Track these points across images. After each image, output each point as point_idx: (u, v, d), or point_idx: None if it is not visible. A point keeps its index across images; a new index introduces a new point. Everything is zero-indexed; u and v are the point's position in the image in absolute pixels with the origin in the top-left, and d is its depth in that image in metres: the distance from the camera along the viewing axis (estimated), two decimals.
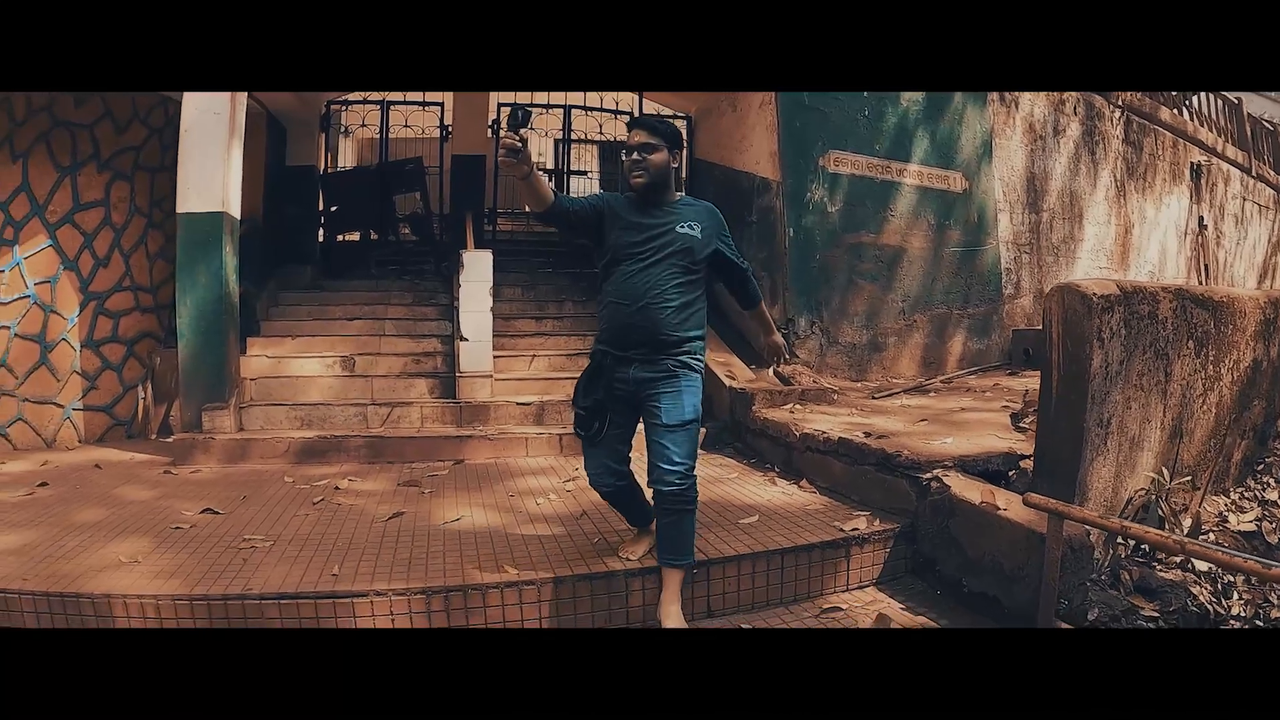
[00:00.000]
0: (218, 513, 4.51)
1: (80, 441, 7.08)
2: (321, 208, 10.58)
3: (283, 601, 3.25)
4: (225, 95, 6.33)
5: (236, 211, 6.64)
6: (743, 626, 3.40)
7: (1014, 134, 8.91)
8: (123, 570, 3.57)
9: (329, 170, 11.78)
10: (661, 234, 3.17)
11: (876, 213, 7.52)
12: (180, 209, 6.31)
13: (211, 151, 6.28)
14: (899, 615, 3.43)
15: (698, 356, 3.24)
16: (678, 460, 3.13)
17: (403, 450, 5.98)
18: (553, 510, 4.45)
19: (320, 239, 10.61)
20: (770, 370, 6.37)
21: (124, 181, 7.35)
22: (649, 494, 3.34)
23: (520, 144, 2.77)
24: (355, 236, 11.09)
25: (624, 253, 3.20)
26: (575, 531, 4.03)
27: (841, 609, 3.54)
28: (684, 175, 9.50)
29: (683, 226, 3.19)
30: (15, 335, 6.80)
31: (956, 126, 8.32)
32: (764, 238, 7.27)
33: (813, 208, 6.88)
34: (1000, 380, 7.28)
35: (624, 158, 3.19)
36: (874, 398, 6.12)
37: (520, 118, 2.77)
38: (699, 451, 5.42)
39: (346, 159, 15.62)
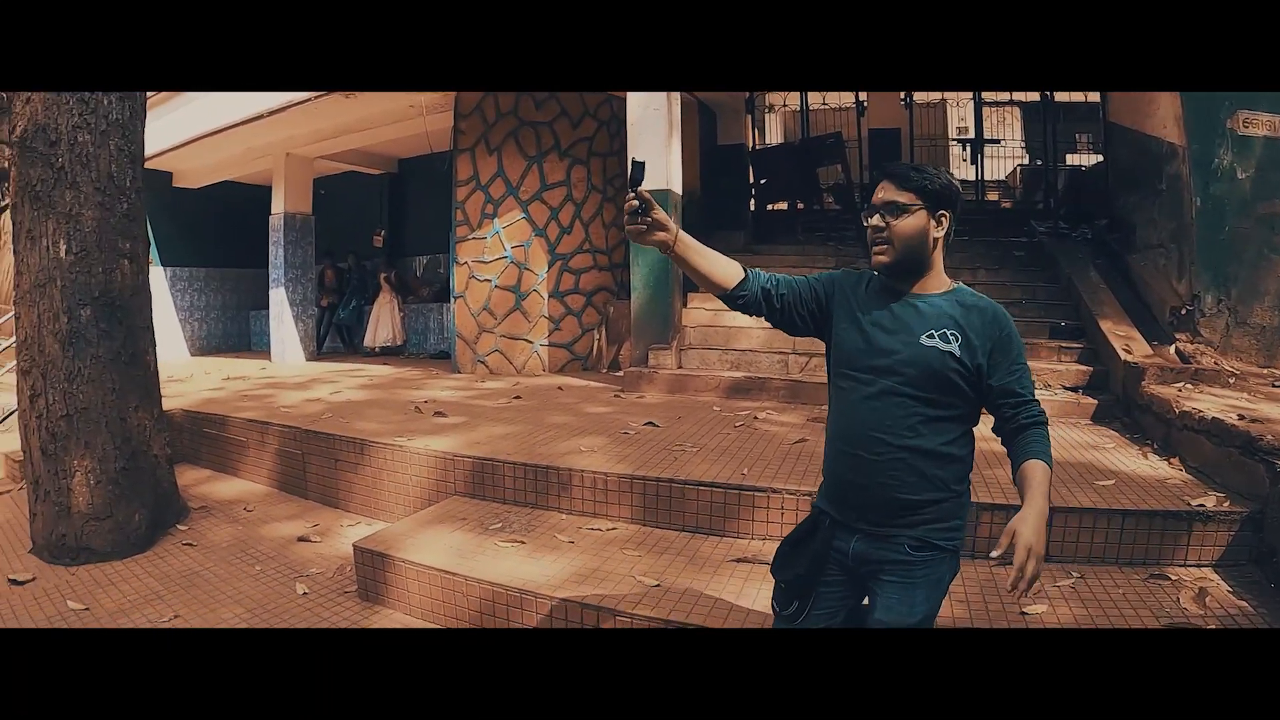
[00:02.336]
0: (657, 425, 5.63)
1: (544, 371, 8.88)
2: (751, 181, 11.68)
3: (700, 487, 4.21)
4: (662, 93, 7.57)
5: (678, 188, 7.85)
6: (1053, 584, 3.55)
7: None
8: (583, 455, 4.81)
9: (756, 147, 12.76)
10: (902, 345, 2.18)
11: None
12: None
13: (654, 139, 7.49)
14: (1223, 597, 3.32)
15: (952, 531, 2.23)
16: None
17: (816, 394, 6.65)
18: None
19: (751, 208, 11.68)
20: (1172, 348, 6.22)
21: (581, 165, 9.16)
22: None
23: (640, 204, 2.14)
24: (783, 206, 12.08)
25: (847, 365, 2.29)
26: None
27: (1168, 579, 3.48)
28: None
29: (932, 336, 2.16)
30: (495, 286, 8.97)
31: None
32: (1172, 208, 6.86)
33: (1221, 174, 6.31)
34: None
35: (864, 222, 2.23)
36: (1276, 385, 5.85)
37: (638, 174, 2.10)
38: (1085, 422, 5.73)
39: (773, 136, 16.61)
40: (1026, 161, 16.11)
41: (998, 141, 14.50)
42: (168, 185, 13.35)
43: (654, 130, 7.42)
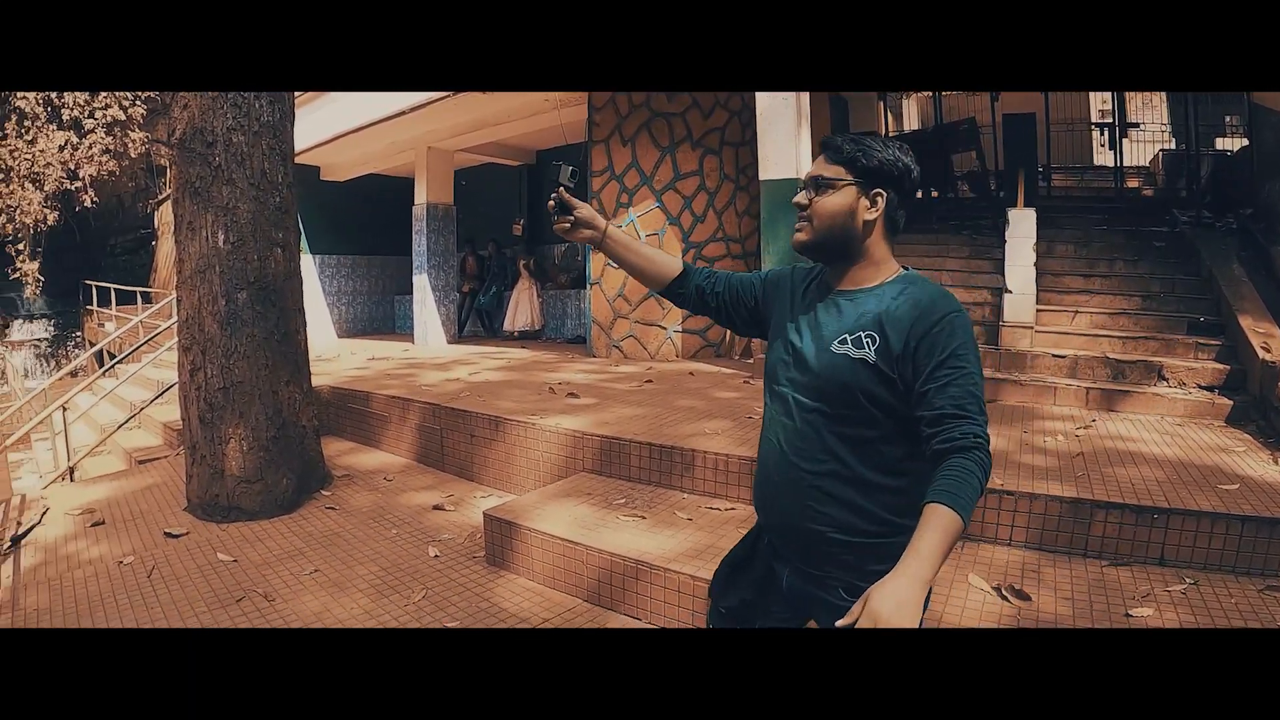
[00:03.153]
0: None
1: (677, 356, 8.99)
2: None
3: None
4: None
5: None
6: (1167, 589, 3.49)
7: None
8: (707, 437, 4.91)
9: (889, 134, 12.52)
10: (813, 353, 1.88)
11: None
12: (762, 176, 7.66)
13: (784, 129, 7.48)
14: None
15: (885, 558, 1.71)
16: None
17: None
18: (1054, 447, 4.81)
19: None
20: None
21: (713, 155, 9.19)
22: None
23: (557, 204, 2.11)
24: (917, 195, 11.84)
25: (769, 377, 2.02)
26: (1065, 466, 4.35)
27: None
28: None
29: (844, 342, 1.82)
30: None
31: None
32: None
33: None
34: None
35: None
36: None
37: (554, 174, 2.10)
38: (1219, 423, 5.50)
39: (909, 122, 16.29)
40: (1170, 146, 15.23)
41: (1139, 125, 13.78)
42: (316, 179, 14.14)
43: (783, 120, 7.42)
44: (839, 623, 1.54)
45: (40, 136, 23.32)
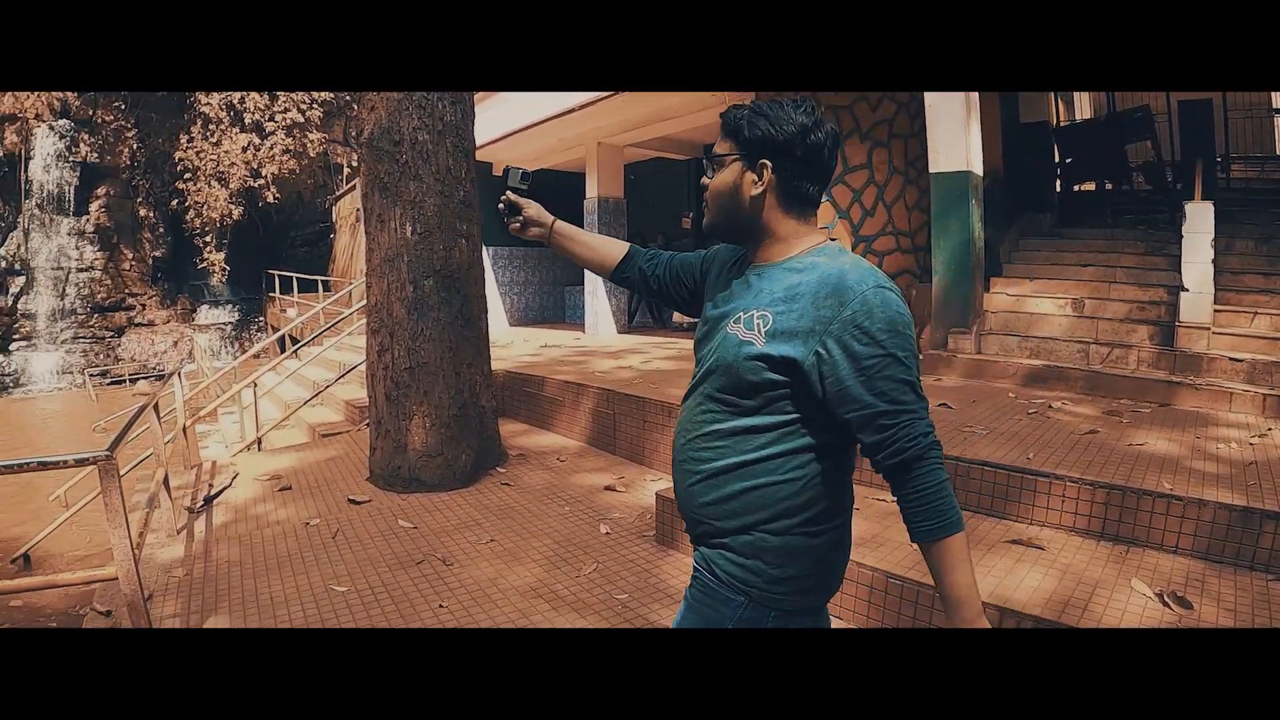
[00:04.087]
0: (950, 408, 5.72)
1: None
2: (1056, 160, 11.07)
3: (985, 467, 4.29)
4: None
5: (979, 169, 7.70)
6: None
7: None
8: None
9: (1061, 124, 12.09)
10: (714, 332, 1.81)
11: None
12: (932, 169, 7.56)
13: (953, 121, 7.38)
14: None
15: (752, 575, 1.70)
16: None
17: (1115, 386, 6.46)
18: (1228, 454, 4.64)
19: (1057, 189, 11.09)
20: None
21: (881, 148, 9.07)
22: None
23: (506, 206, 2.23)
24: (1091, 186, 11.39)
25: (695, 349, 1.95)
26: (1236, 474, 4.21)
27: None
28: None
29: (739, 320, 1.71)
30: None
31: None
32: None
33: None
34: None
35: None
36: None
37: (507, 177, 2.25)
38: None
39: (1081, 110, 15.64)
40: None
41: None
42: (489, 174, 14.66)
43: (951, 110, 7.34)
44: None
45: (225, 139, 25.30)
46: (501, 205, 2.21)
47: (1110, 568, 3.56)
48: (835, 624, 3.31)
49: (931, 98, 7.49)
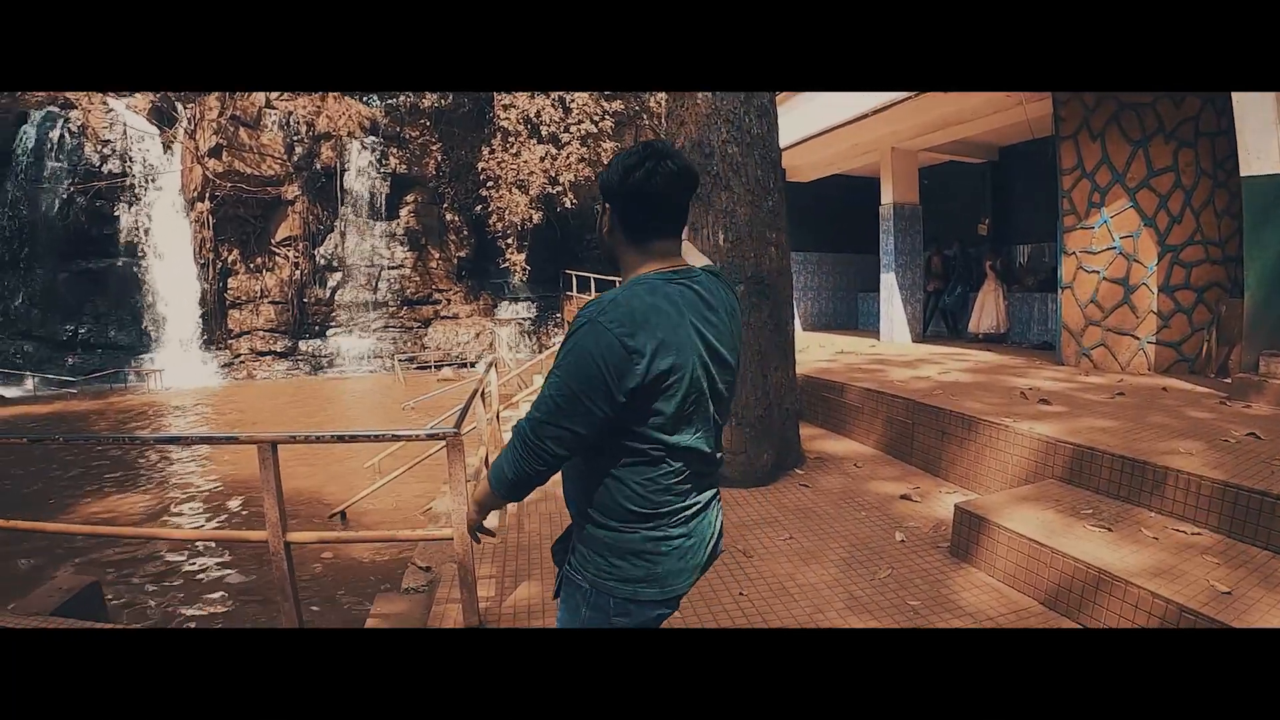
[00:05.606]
0: (1259, 438, 5.26)
1: (1149, 369, 8.63)
2: None
3: None
4: None
5: None
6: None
7: None
8: (1178, 457, 4.80)
9: None
10: None
11: None
12: (1242, 172, 7.00)
13: (1262, 116, 6.79)
14: None
15: (583, 562, 2.11)
16: None
17: None
18: None
19: None
20: None
21: (1188, 148, 8.43)
22: None
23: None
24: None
25: None
26: None
27: None
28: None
29: None
30: (1103, 279, 8.81)
31: None
32: None
33: None
34: None
35: None
36: None
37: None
38: None
39: None
40: None
41: None
42: (783, 180, 14.98)
43: (1260, 105, 6.78)
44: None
45: (523, 150, 27.26)
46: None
47: None
48: None
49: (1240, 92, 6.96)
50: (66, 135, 26.14)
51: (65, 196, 25.96)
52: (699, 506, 2.11)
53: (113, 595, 7.21)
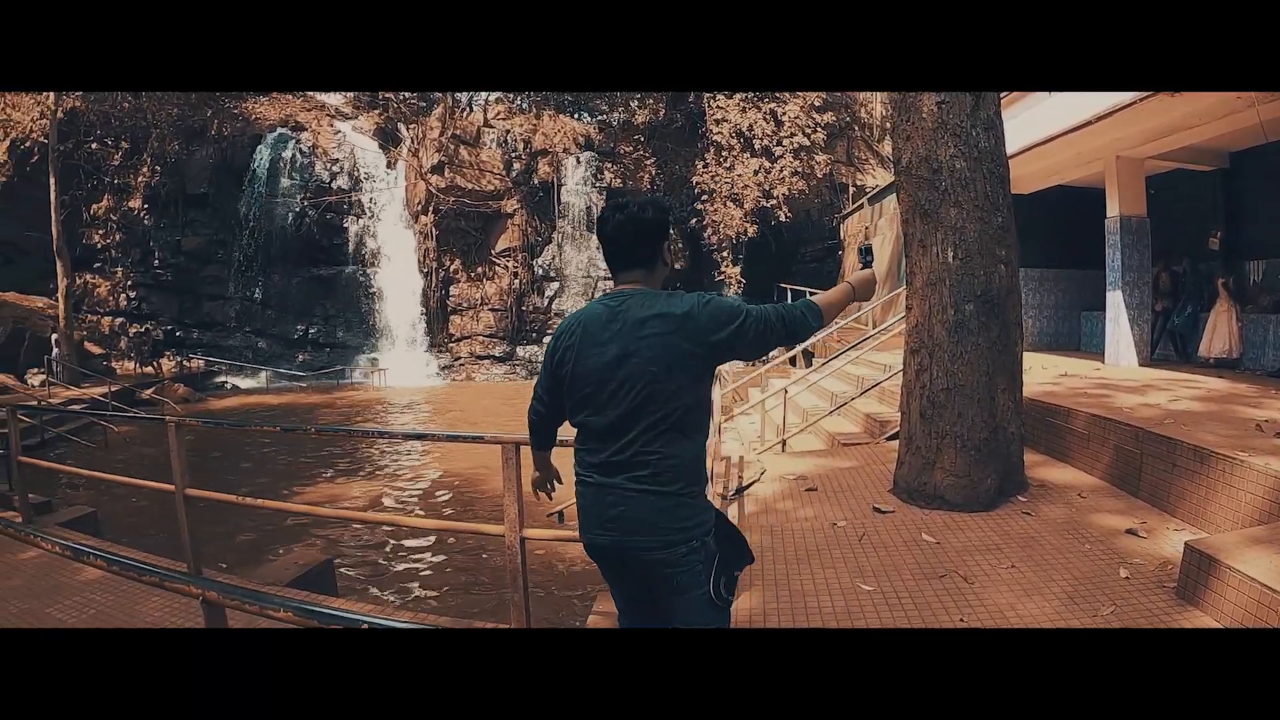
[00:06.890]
0: None
1: None
2: None
3: None
4: None
5: None
6: None
7: None
8: None
9: None
10: None
11: None
12: None
13: None
14: None
15: None
16: None
17: None
18: None
19: None
20: None
21: None
22: None
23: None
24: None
25: None
26: None
27: None
28: None
29: None
30: None
31: None
32: None
33: None
34: None
35: None
36: None
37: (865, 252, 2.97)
38: None
39: None
40: None
41: None
42: (1010, 195, 14.44)
43: None
44: None
45: (737, 163, 27.61)
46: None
47: None
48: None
49: None
50: (298, 154, 29.08)
51: (298, 210, 28.57)
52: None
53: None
